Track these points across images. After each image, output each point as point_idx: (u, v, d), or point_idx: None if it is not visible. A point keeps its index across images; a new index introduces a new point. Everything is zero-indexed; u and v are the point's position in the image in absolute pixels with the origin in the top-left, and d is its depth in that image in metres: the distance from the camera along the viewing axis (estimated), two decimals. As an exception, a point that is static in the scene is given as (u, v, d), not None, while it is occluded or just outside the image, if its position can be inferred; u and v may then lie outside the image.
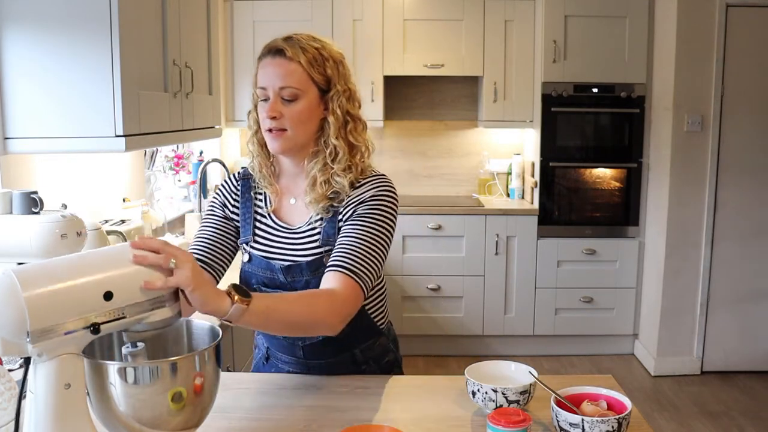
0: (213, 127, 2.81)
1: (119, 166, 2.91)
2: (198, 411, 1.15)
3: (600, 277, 4.36)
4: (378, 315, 1.64)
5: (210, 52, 2.75)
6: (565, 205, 4.38)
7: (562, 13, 4.17)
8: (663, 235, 4.04)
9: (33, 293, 0.99)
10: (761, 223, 4.00)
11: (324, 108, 1.51)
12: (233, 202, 1.63)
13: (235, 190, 1.64)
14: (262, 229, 1.60)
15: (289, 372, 1.65)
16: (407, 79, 4.67)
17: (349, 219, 1.50)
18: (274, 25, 3.99)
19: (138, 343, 1.14)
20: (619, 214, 4.37)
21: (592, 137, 4.35)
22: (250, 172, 1.63)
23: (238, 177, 1.66)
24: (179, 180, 3.78)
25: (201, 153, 3.97)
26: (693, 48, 3.87)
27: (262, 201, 1.62)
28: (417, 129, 4.86)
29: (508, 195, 4.73)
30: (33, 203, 1.79)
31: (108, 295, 1.04)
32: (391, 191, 1.54)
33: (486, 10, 4.33)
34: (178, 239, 3.15)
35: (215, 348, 1.17)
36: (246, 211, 1.62)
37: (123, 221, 2.59)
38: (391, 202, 1.53)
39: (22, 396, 1.04)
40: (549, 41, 4.18)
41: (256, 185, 1.62)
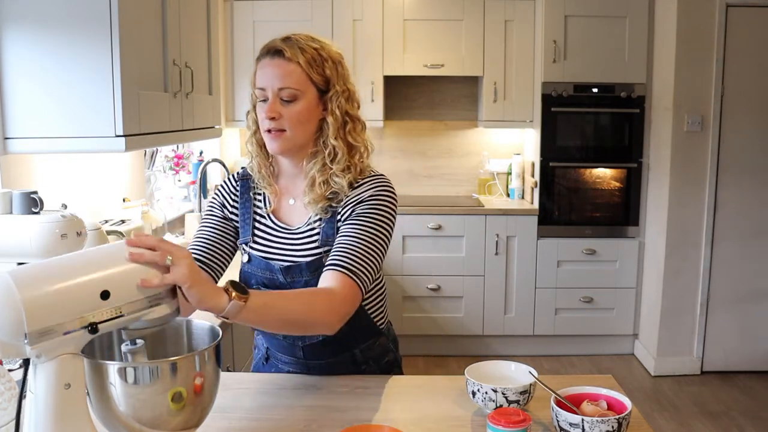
0: (213, 127, 2.81)
1: (119, 166, 2.91)
2: (198, 411, 1.15)
3: (600, 277, 4.36)
4: (378, 315, 1.64)
5: (210, 52, 2.75)
6: (565, 205, 4.38)
7: (562, 13, 4.17)
8: (663, 235, 4.04)
9: (29, 295, 0.98)
10: (761, 223, 4.00)
11: (323, 108, 1.51)
12: (232, 202, 1.63)
13: (234, 190, 1.64)
14: (261, 230, 1.60)
15: (289, 372, 1.65)
16: (407, 79, 4.67)
17: (348, 219, 1.49)
18: (274, 25, 3.99)
19: (137, 341, 1.14)
20: (619, 214, 4.37)
21: (592, 137, 4.35)
22: (249, 172, 1.63)
23: (237, 177, 1.65)
24: (179, 180, 3.78)
25: (201, 153, 3.97)
26: (693, 48, 3.87)
27: (261, 201, 1.62)
28: (417, 129, 4.86)
29: (508, 195, 4.73)
30: (33, 203, 1.79)
31: (105, 294, 1.04)
32: (390, 191, 1.54)
33: (486, 10, 4.33)
34: (178, 239, 3.15)
35: (215, 348, 1.17)
36: (245, 212, 1.61)
37: (123, 221, 2.59)
38: (390, 201, 1.53)
39: (22, 396, 1.03)
40: (549, 41, 4.18)
41: (255, 186, 1.62)
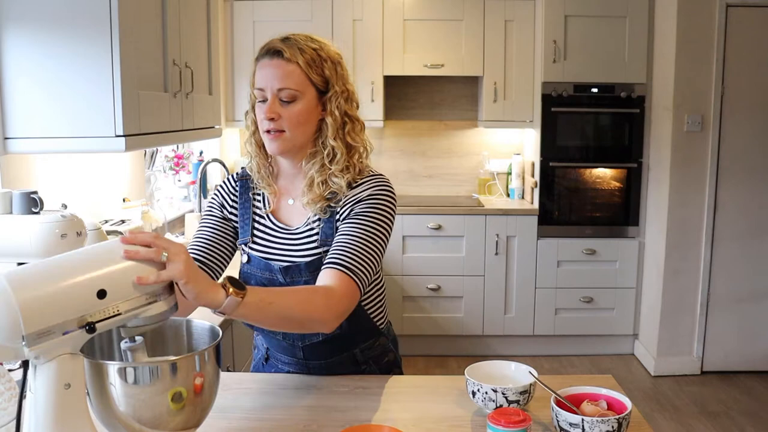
0: (213, 127, 2.81)
1: (119, 166, 2.91)
2: (198, 411, 1.15)
3: (600, 277, 4.36)
4: (377, 315, 1.64)
5: (210, 52, 2.75)
6: (565, 205, 4.38)
7: (562, 13, 4.17)
8: (663, 235, 4.04)
9: (26, 297, 0.98)
10: (761, 223, 4.00)
11: (322, 109, 1.51)
12: (232, 202, 1.63)
13: (234, 190, 1.64)
14: (260, 230, 1.59)
15: (289, 372, 1.65)
16: (407, 79, 4.67)
17: (347, 218, 1.49)
18: (274, 25, 3.99)
19: (136, 338, 1.13)
20: (619, 214, 4.37)
21: (592, 137, 4.35)
22: (248, 172, 1.63)
23: (236, 178, 1.65)
24: (179, 180, 3.78)
25: (201, 153, 3.97)
26: (693, 48, 3.87)
27: (260, 202, 1.62)
28: (417, 129, 4.86)
29: (508, 195, 4.73)
30: (33, 203, 1.79)
31: (102, 293, 1.04)
32: (389, 190, 1.54)
33: (486, 10, 4.33)
34: (178, 239, 3.15)
35: (215, 348, 1.17)
36: (244, 212, 1.61)
37: (123, 221, 2.59)
38: (389, 201, 1.52)
39: (22, 396, 1.03)
40: (549, 41, 4.18)
41: (254, 186, 1.62)
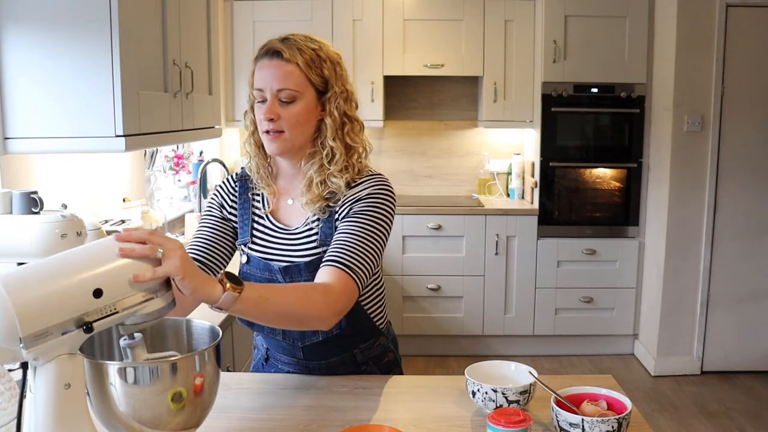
0: (213, 127, 2.81)
1: (119, 166, 2.91)
2: (198, 411, 1.15)
3: (600, 277, 4.36)
4: (377, 315, 1.64)
5: (210, 52, 2.75)
6: (565, 205, 4.38)
7: (562, 13, 4.17)
8: (663, 235, 4.04)
9: (21, 299, 0.98)
10: (761, 223, 4.00)
11: (321, 109, 1.51)
12: (231, 203, 1.63)
13: (233, 191, 1.64)
14: (259, 230, 1.59)
15: (289, 372, 1.65)
16: (407, 79, 4.67)
17: (346, 217, 1.49)
18: (274, 25, 4.00)
19: (135, 335, 1.13)
20: (619, 214, 4.37)
21: (592, 137, 4.35)
22: (247, 173, 1.63)
23: (235, 178, 1.65)
24: (179, 180, 3.78)
25: (201, 153, 3.97)
26: (693, 48, 3.87)
27: (259, 202, 1.62)
28: (417, 129, 4.86)
29: (508, 195, 4.73)
30: (33, 203, 1.79)
31: (98, 293, 1.03)
32: (388, 189, 1.54)
33: (486, 10, 4.33)
34: (178, 239, 3.15)
35: (215, 348, 1.17)
36: (244, 212, 1.61)
37: (123, 221, 2.59)
38: (388, 199, 1.52)
39: (23, 396, 1.03)
40: (549, 41, 4.18)
41: (253, 186, 1.62)
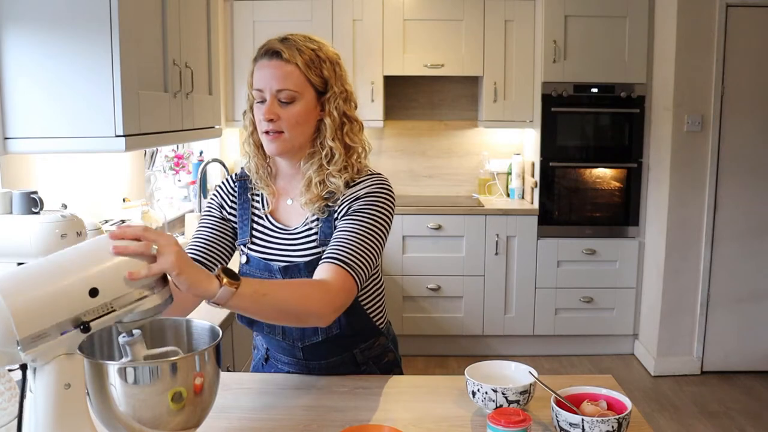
0: (213, 127, 2.81)
1: (119, 166, 2.91)
2: (198, 411, 1.15)
3: (600, 277, 4.36)
4: (377, 314, 1.63)
5: (210, 52, 2.75)
6: (565, 205, 4.38)
7: (562, 13, 4.17)
8: (663, 235, 4.04)
9: (17, 302, 0.97)
10: (761, 223, 4.00)
11: (321, 109, 1.51)
12: (230, 203, 1.63)
13: (233, 191, 1.64)
14: (259, 231, 1.59)
15: (289, 372, 1.65)
16: (407, 79, 4.67)
17: (345, 215, 1.49)
18: (274, 25, 4.00)
19: (134, 332, 1.12)
20: (619, 214, 4.37)
21: (592, 137, 4.35)
22: (246, 173, 1.63)
23: (235, 178, 1.65)
24: (179, 180, 3.78)
25: (201, 153, 3.97)
26: (693, 48, 3.87)
27: (259, 202, 1.62)
28: (417, 129, 4.86)
29: (508, 195, 4.73)
30: (33, 203, 1.79)
31: (94, 292, 1.03)
32: (387, 189, 1.53)
33: (486, 10, 4.33)
34: (178, 239, 3.15)
35: (215, 348, 1.17)
36: (243, 213, 1.61)
37: (123, 221, 2.59)
38: (387, 198, 1.52)
39: (23, 396, 1.03)
40: (549, 41, 4.18)
41: (253, 186, 1.62)
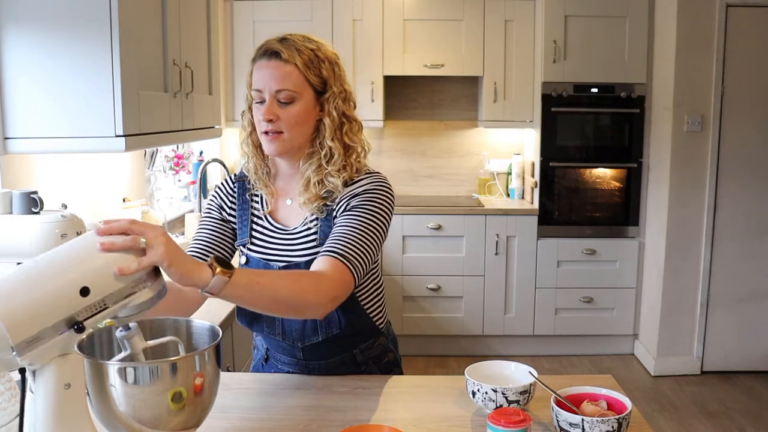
0: (213, 127, 2.81)
1: (119, 166, 2.91)
2: (198, 411, 1.15)
3: (600, 277, 4.36)
4: (377, 314, 1.63)
5: (210, 52, 2.75)
6: (565, 205, 4.38)
7: (562, 13, 4.17)
8: (663, 235, 4.04)
9: (7, 308, 0.96)
10: (761, 223, 4.00)
11: (320, 109, 1.51)
12: (230, 204, 1.63)
13: (232, 192, 1.64)
14: (258, 231, 1.59)
15: (289, 372, 1.65)
16: (407, 79, 4.67)
17: (343, 212, 1.49)
18: (274, 25, 4.00)
19: (130, 324, 1.12)
20: (619, 214, 4.37)
21: (592, 137, 4.35)
22: (245, 173, 1.63)
23: (234, 179, 1.65)
24: (179, 180, 3.78)
25: (201, 153, 3.97)
26: (693, 48, 3.87)
27: (258, 203, 1.61)
28: (417, 129, 4.86)
29: (508, 195, 4.73)
30: (33, 203, 1.79)
31: (84, 291, 1.02)
32: (386, 187, 1.53)
33: (486, 10, 4.33)
34: (178, 239, 3.15)
35: (215, 348, 1.17)
36: (243, 213, 1.61)
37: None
38: (385, 196, 1.52)
39: (24, 396, 1.03)
40: (549, 41, 4.18)
41: (252, 187, 1.62)
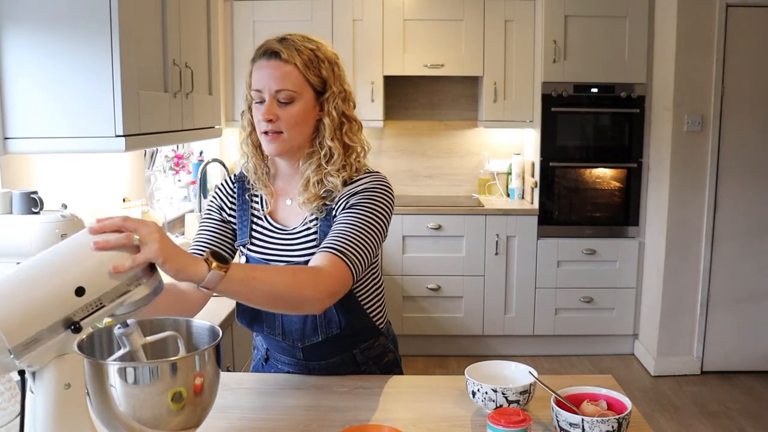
0: (213, 127, 2.81)
1: (119, 166, 2.91)
2: (198, 411, 1.15)
3: (600, 277, 4.36)
4: (377, 314, 1.63)
5: (210, 52, 2.75)
6: (565, 205, 4.38)
7: (562, 13, 4.17)
8: (663, 235, 4.04)
9: (3, 311, 0.96)
10: (761, 223, 4.00)
11: (319, 109, 1.51)
12: (230, 204, 1.63)
13: (232, 192, 1.64)
14: (258, 231, 1.59)
15: (289, 372, 1.65)
16: (407, 79, 4.67)
17: (343, 210, 1.49)
18: (274, 25, 4.00)
19: (128, 321, 1.12)
20: (619, 214, 4.37)
21: (592, 137, 4.35)
22: (245, 173, 1.63)
23: (234, 179, 1.65)
24: (179, 180, 3.78)
25: (201, 153, 3.97)
26: (693, 48, 3.87)
27: (258, 203, 1.61)
28: (417, 129, 4.86)
29: (508, 195, 4.73)
30: (33, 203, 1.79)
31: (80, 291, 1.02)
32: (385, 186, 1.53)
33: (486, 10, 4.33)
34: (178, 239, 3.15)
35: (215, 348, 1.17)
36: (243, 214, 1.61)
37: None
38: (385, 194, 1.52)
39: (24, 396, 1.03)
40: (549, 41, 4.18)
41: (251, 187, 1.62)
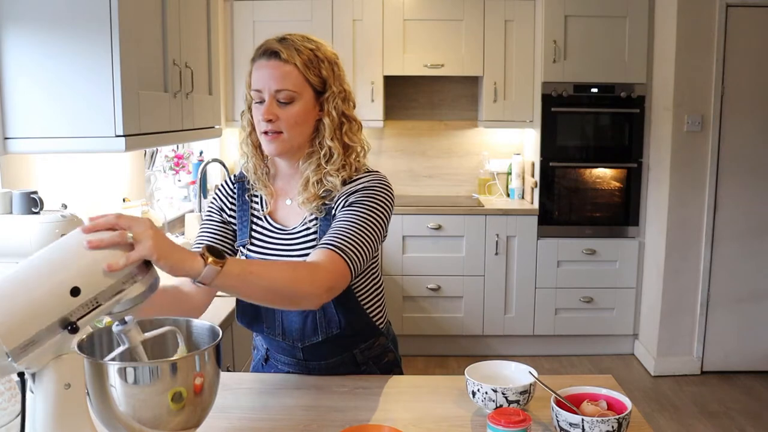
0: (213, 127, 2.81)
1: (119, 166, 2.91)
2: (198, 411, 1.15)
3: (600, 277, 4.36)
4: (376, 314, 1.63)
5: (210, 52, 2.75)
6: (565, 205, 4.38)
7: (562, 13, 4.17)
8: (663, 235, 4.04)
9: None
10: (761, 223, 4.00)
11: (319, 109, 1.51)
12: (230, 205, 1.63)
13: (232, 193, 1.64)
14: (258, 232, 1.59)
15: (289, 372, 1.65)
16: (407, 79, 4.67)
17: (342, 208, 1.49)
18: (274, 25, 4.00)
19: (126, 318, 1.12)
20: (619, 214, 4.37)
21: (592, 137, 4.35)
22: (245, 173, 1.63)
23: (234, 180, 1.65)
24: (179, 180, 3.77)
25: (201, 153, 3.97)
26: (693, 48, 3.87)
27: (258, 203, 1.61)
28: (417, 129, 4.86)
29: (508, 195, 4.73)
30: (33, 203, 1.79)
31: (75, 291, 1.01)
32: (385, 185, 1.53)
33: (486, 10, 4.33)
34: (178, 239, 3.15)
35: (215, 348, 1.17)
36: (243, 214, 1.61)
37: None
38: (384, 193, 1.52)
39: (24, 397, 1.03)
40: (549, 41, 4.18)
41: (251, 187, 1.62)
